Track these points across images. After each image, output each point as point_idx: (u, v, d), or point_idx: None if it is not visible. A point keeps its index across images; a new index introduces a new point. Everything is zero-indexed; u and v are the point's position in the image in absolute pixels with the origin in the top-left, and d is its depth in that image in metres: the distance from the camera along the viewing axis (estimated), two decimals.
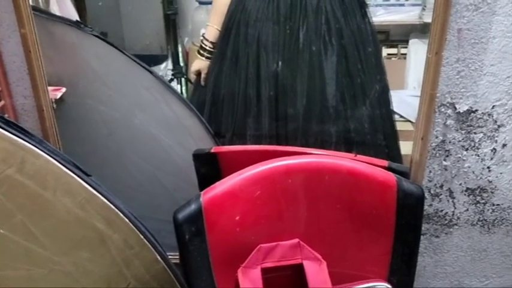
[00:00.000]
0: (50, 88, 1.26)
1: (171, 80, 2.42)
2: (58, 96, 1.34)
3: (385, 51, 2.61)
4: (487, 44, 1.08)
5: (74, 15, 1.76)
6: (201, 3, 2.39)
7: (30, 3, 1.13)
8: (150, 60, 2.68)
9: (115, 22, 2.75)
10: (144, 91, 1.36)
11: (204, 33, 1.58)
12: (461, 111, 1.15)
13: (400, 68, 2.59)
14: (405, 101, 2.43)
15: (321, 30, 1.43)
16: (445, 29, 1.06)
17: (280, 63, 1.44)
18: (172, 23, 2.45)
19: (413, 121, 2.33)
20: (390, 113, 1.64)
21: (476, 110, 1.15)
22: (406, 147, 1.63)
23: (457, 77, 1.12)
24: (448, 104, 1.14)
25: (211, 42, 1.55)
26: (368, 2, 2.43)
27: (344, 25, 1.45)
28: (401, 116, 2.35)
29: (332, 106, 1.46)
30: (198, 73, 1.60)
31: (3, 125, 0.95)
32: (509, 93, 1.13)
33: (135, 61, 1.34)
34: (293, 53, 1.44)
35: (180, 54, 2.54)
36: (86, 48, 1.33)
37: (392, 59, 2.61)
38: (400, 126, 1.81)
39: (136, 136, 1.39)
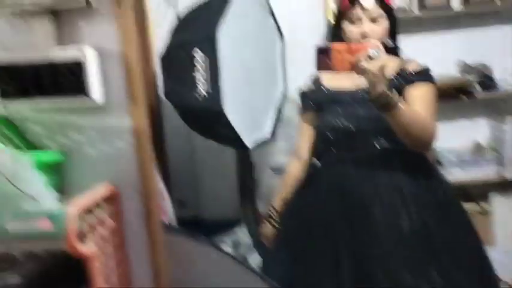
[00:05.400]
0: None
1: None
2: None
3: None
4: None
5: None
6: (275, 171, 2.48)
7: None
8: (225, 225, 2.74)
9: (193, 191, 2.87)
10: None
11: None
12: None
13: (485, 225, 2.49)
14: (497, 260, 2.30)
15: (396, 202, 1.41)
16: None
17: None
18: (248, 190, 2.54)
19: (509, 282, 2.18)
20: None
21: None
22: None
23: None
24: None
25: (277, 212, 1.61)
26: (442, 162, 2.47)
27: (422, 195, 1.43)
28: None
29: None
30: (266, 237, 1.65)
31: None
32: None
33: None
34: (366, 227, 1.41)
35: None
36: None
37: (474, 215, 2.52)
38: None
39: None
